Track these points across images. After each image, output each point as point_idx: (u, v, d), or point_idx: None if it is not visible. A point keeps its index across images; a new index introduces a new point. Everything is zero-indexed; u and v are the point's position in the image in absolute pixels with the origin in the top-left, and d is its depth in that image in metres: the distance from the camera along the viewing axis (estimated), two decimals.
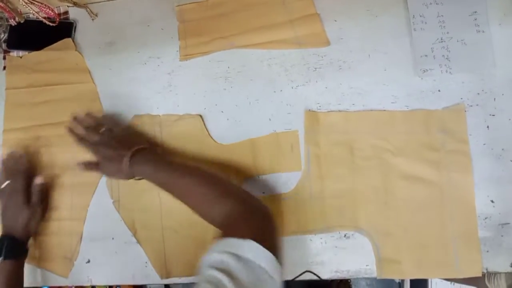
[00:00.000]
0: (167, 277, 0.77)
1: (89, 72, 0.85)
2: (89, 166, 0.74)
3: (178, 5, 0.84)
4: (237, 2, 0.83)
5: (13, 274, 0.73)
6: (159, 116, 0.81)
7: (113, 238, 0.80)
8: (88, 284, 0.80)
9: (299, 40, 0.79)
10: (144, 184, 0.78)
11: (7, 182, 0.77)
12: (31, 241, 0.79)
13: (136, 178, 0.70)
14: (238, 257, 0.48)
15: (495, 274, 0.84)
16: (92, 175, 0.79)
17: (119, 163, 0.68)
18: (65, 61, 0.86)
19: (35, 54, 0.87)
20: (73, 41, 0.86)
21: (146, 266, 0.78)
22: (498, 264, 0.71)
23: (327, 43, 0.78)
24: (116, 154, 0.69)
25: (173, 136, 0.80)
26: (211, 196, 0.61)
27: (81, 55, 0.86)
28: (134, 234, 0.79)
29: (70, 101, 0.84)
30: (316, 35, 0.78)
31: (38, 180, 0.79)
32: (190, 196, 0.64)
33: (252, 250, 0.49)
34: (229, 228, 0.55)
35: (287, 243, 0.75)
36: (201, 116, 0.80)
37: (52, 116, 0.84)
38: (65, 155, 0.82)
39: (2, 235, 0.74)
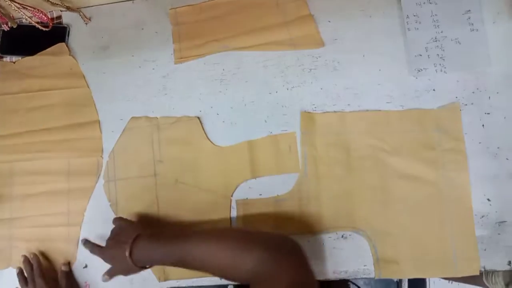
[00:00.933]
0: (166, 280, 0.76)
1: (84, 77, 0.85)
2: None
3: (172, 8, 0.84)
4: (231, 5, 0.83)
5: None
6: (157, 118, 0.81)
7: None
8: None
9: (294, 42, 0.79)
10: (142, 186, 0.78)
11: None
12: None
13: (148, 266, 0.68)
14: None
15: (493, 272, 0.84)
16: (88, 179, 0.79)
17: (125, 263, 0.66)
18: (59, 66, 0.85)
19: (28, 59, 0.87)
20: (66, 45, 0.86)
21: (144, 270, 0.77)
22: (495, 262, 0.71)
23: (322, 44, 0.78)
24: (117, 255, 0.67)
25: (171, 138, 0.80)
26: (234, 253, 0.57)
27: (75, 60, 0.85)
28: None
29: (64, 106, 0.84)
30: (310, 37, 0.78)
31: (64, 268, 0.78)
32: (211, 262, 0.60)
33: None
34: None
35: None
36: (198, 118, 0.80)
37: (46, 121, 0.83)
38: (60, 161, 0.82)
39: None
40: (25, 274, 0.77)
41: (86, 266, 0.80)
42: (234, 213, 0.76)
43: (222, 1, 0.83)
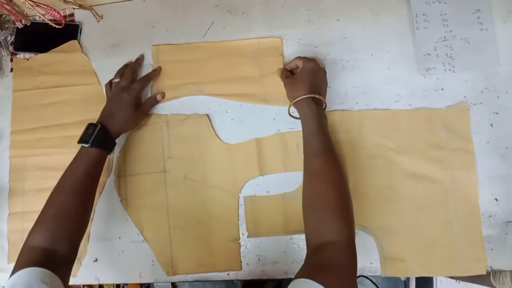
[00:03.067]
0: (174, 274, 0.77)
1: (95, 74, 0.86)
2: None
3: (154, 45, 0.85)
4: (212, 50, 0.83)
5: (95, 162, 0.71)
6: (167, 115, 0.82)
7: (120, 237, 0.81)
8: (96, 283, 0.81)
9: (266, 97, 0.79)
10: (152, 182, 0.80)
11: (118, 79, 0.80)
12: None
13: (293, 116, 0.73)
14: None
15: (500, 272, 0.84)
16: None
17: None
18: (71, 63, 0.87)
19: (41, 56, 0.88)
20: (79, 43, 0.87)
21: (152, 265, 0.79)
22: (502, 262, 0.71)
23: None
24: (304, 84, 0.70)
25: (180, 135, 0.81)
26: (339, 209, 0.59)
27: (87, 57, 0.87)
28: (141, 232, 0.80)
29: (76, 103, 0.85)
30: (283, 94, 0.76)
31: (159, 97, 0.82)
32: (323, 185, 0.61)
33: None
34: (327, 269, 0.53)
35: (291, 241, 0.75)
36: (207, 115, 0.80)
37: (58, 117, 0.85)
38: (72, 156, 0.83)
39: (97, 122, 0.73)
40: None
41: (96, 260, 0.81)
42: (242, 210, 0.77)
43: (203, 45, 0.83)
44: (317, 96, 0.68)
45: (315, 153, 0.65)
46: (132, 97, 0.77)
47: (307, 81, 0.70)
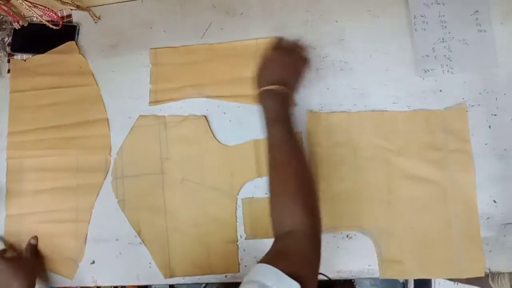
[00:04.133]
0: (171, 276, 0.77)
1: (93, 75, 0.86)
2: None
3: (152, 48, 0.84)
4: (210, 52, 0.82)
5: None
6: (164, 116, 0.82)
7: (117, 239, 0.80)
8: (93, 285, 0.81)
9: None
10: (149, 183, 0.79)
11: None
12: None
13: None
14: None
15: (499, 274, 0.84)
16: (97, 176, 0.80)
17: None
18: (69, 64, 0.86)
19: (39, 57, 0.88)
20: (76, 44, 0.87)
21: (150, 267, 0.78)
22: (501, 264, 0.71)
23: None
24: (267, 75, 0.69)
25: (178, 137, 0.81)
26: (299, 198, 0.58)
27: (84, 58, 0.86)
28: (139, 234, 0.79)
29: (74, 104, 0.85)
30: None
31: (32, 241, 0.81)
32: (282, 175, 0.61)
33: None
34: (287, 255, 0.53)
35: None
36: (205, 117, 0.80)
37: (56, 118, 0.85)
38: (69, 158, 0.83)
39: None
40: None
41: (93, 262, 0.81)
42: (240, 212, 0.77)
43: (202, 47, 0.83)
44: (273, 87, 0.66)
45: (274, 144, 0.64)
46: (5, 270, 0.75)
47: (267, 72, 0.69)
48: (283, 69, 0.69)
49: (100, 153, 0.82)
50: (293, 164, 0.62)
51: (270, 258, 0.52)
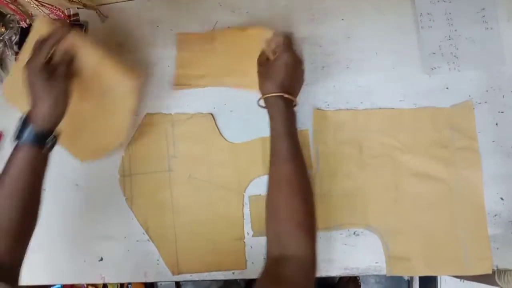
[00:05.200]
0: (179, 273, 0.78)
1: None
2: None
3: (180, 33, 0.84)
4: (233, 36, 0.81)
5: (27, 161, 0.62)
6: (171, 114, 0.82)
7: (125, 237, 0.81)
8: (101, 282, 0.81)
9: None
10: (157, 181, 0.80)
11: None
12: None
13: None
14: None
15: (506, 271, 0.83)
16: None
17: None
18: None
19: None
20: None
21: (158, 264, 0.79)
22: (508, 261, 0.71)
23: None
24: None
25: (184, 135, 0.81)
26: (303, 221, 0.58)
27: None
28: (147, 231, 0.80)
29: None
30: None
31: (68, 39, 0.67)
32: (287, 192, 0.59)
33: None
34: (284, 283, 0.53)
35: None
36: (212, 115, 0.81)
37: None
38: None
39: (27, 116, 0.64)
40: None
41: (101, 259, 0.81)
42: (247, 209, 0.77)
43: (225, 33, 0.82)
44: (285, 95, 0.63)
45: (281, 160, 0.62)
46: (42, 73, 0.63)
47: (279, 77, 0.64)
48: (291, 75, 0.65)
49: None
50: (301, 183, 0.60)
51: (273, 283, 0.52)
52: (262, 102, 0.67)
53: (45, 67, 0.64)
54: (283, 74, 0.64)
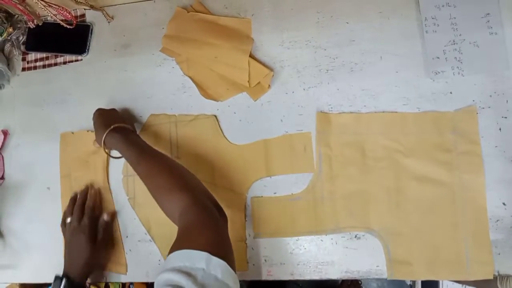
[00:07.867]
0: None
1: None
2: None
3: (180, 8, 0.86)
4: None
5: None
6: (175, 115, 0.83)
7: (127, 237, 0.81)
8: (103, 281, 0.82)
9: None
10: None
11: (69, 218, 0.79)
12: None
13: (112, 156, 0.78)
14: (192, 278, 0.47)
15: (507, 276, 0.83)
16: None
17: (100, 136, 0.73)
18: None
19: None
20: (89, 43, 0.88)
21: (159, 264, 0.79)
22: (510, 266, 0.71)
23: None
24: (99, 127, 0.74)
25: (188, 136, 0.81)
26: (171, 186, 0.62)
27: None
28: (148, 231, 0.80)
29: None
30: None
31: (106, 217, 0.80)
32: (151, 180, 0.65)
33: (208, 263, 0.49)
34: (185, 235, 0.56)
35: (298, 243, 0.76)
36: (215, 116, 0.81)
37: None
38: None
39: (62, 275, 0.75)
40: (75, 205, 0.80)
41: None
42: (249, 211, 0.78)
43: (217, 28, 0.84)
44: (107, 130, 0.71)
45: (135, 164, 0.68)
46: (87, 235, 0.76)
47: (97, 127, 0.75)
48: (103, 118, 0.76)
49: None
50: (154, 165, 0.66)
51: (175, 245, 0.54)
52: (113, 153, 0.78)
53: (84, 227, 0.77)
54: (98, 123, 0.76)
